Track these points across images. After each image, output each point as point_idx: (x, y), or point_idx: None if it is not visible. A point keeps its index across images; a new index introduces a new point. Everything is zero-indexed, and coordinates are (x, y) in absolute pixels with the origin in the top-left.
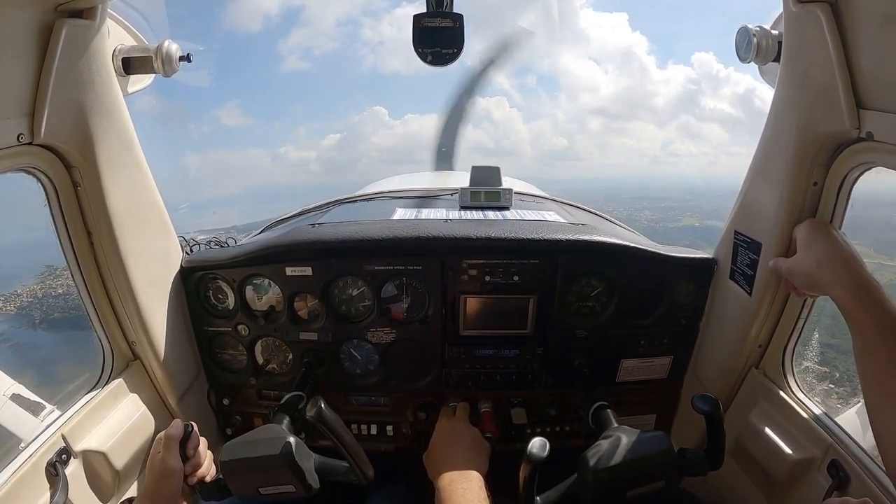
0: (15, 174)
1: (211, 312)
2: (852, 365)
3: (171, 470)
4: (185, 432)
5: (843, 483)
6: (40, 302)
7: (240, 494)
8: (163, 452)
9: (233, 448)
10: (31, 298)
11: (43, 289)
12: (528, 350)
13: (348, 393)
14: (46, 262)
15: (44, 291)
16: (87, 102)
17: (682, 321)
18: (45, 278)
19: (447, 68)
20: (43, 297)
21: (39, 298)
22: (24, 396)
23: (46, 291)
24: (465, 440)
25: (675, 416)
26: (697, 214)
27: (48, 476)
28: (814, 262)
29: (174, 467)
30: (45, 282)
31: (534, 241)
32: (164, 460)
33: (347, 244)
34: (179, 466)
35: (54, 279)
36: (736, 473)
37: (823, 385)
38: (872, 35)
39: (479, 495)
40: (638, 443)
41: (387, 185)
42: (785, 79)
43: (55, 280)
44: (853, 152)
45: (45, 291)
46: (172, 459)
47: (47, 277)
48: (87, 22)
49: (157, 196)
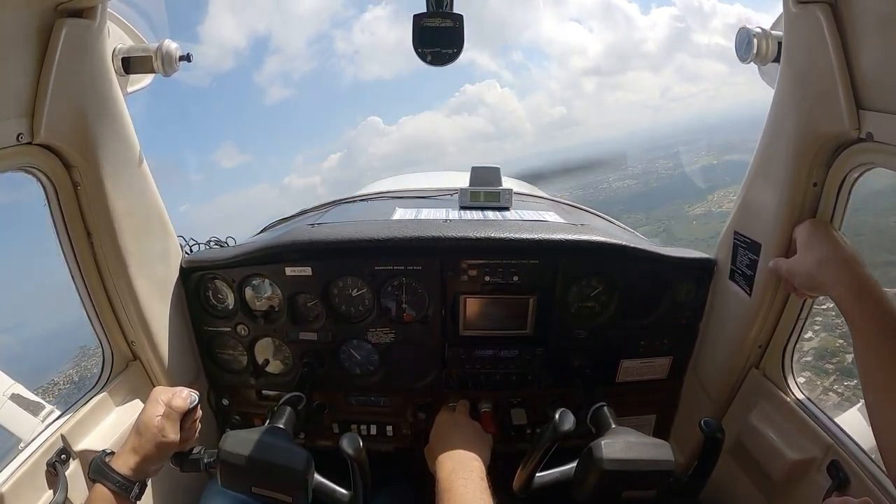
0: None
1: (211, 312)
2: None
3: (167, 442)
4: (190, 406)
5: (843, 483)
6: (77, 386)
7: (226, 484)
8: (163, 421)
9: (238, 441)
10: (69, 385)
11: (79, 371)
12: (527, 350)
13: (348, 393)
14: (81, 344)
15: (80, 374)
16: (87, 102)
17: (681, 321)
18: (80, 360)
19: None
20: (79, 380)
21: (76, 382)
22: (24, 396)
23: (82, 374)
24: (465, 431)
25: (674, 416)
26: (713, 152)
27: (48, 476)
28: (814, 262)
29: (172, 440)
30: (81, 363)
31: (534, 242)
32: (163, 430)
33: (347, 244)
34: (177, 439)
35: (89, 359)
36: (736, 473)
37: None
38: (872, 35)
39: (481, 486)
40: (644, 446)
41: (386, 185)
42: (785, 79)
43: (90, 360)
44: (853, 153)
45: (80, 374)
46: (171, 432)
47: (82, 359)
48: (87, 22)
49: (157, 196)
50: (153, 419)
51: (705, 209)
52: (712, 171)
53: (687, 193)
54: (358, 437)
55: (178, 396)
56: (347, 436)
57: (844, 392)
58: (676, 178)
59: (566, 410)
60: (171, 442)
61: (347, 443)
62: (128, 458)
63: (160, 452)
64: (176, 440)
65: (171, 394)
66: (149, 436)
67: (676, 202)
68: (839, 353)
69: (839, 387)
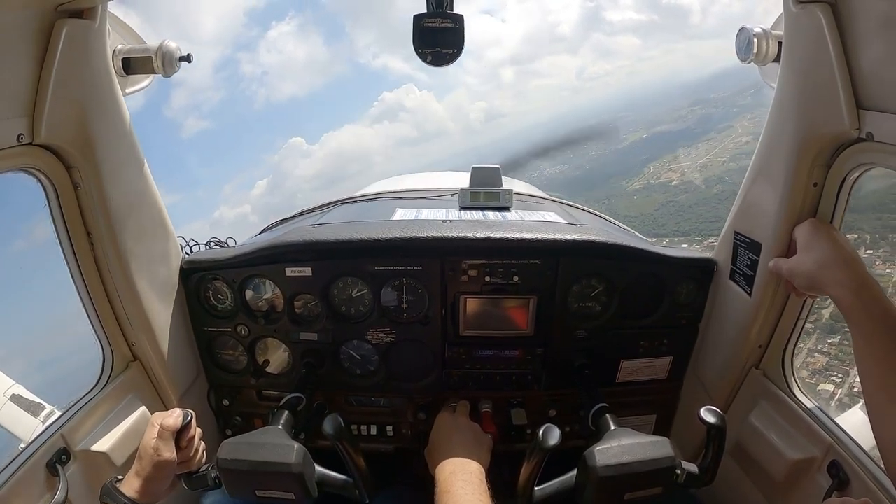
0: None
1: (211, 313)
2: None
3: (163, 461)
4: (182, 423)
5: (843, 483)
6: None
7: (234, 493)
8: (157, 442)
9: (234, 448)
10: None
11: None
12: (528, 351)
13: (348, 393)
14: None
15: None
16: (87, 102)
17: (682, 322)
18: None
19: (333, 72)
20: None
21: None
22: (23, 396)
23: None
24: (465, 433)
25: (674, 416)
26: (641, 126)
27: (48, 476)
28: (814, 262)
29: (167, 459)
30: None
31: (534, 242)
32: (158, 450)
33: (347, 245)
34: (173, 458)
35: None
36: (736, 473)
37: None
38: (872, 35)
39: (480, 488)
40: (640, 446)
41: (386, 185)
42: (785, 79)
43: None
44: (853, 152)
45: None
46: (166, 451)
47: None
48: (87, 22)
49: (157, 196)
50: (150, 441)
51: (644, 182)
52: (644, 144)
53: (623, 170)
54: (338, 416)
55: (169, 416)
56: (328, 418)
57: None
58: (609, 157)
59: (551, 426)
60: (168, 460)
61: (328, 424)
62: (133, 482)
63: (160, 472)
64: (172, 458)
65: (164, 416)
66: (147, 458)
67: (613, 180)
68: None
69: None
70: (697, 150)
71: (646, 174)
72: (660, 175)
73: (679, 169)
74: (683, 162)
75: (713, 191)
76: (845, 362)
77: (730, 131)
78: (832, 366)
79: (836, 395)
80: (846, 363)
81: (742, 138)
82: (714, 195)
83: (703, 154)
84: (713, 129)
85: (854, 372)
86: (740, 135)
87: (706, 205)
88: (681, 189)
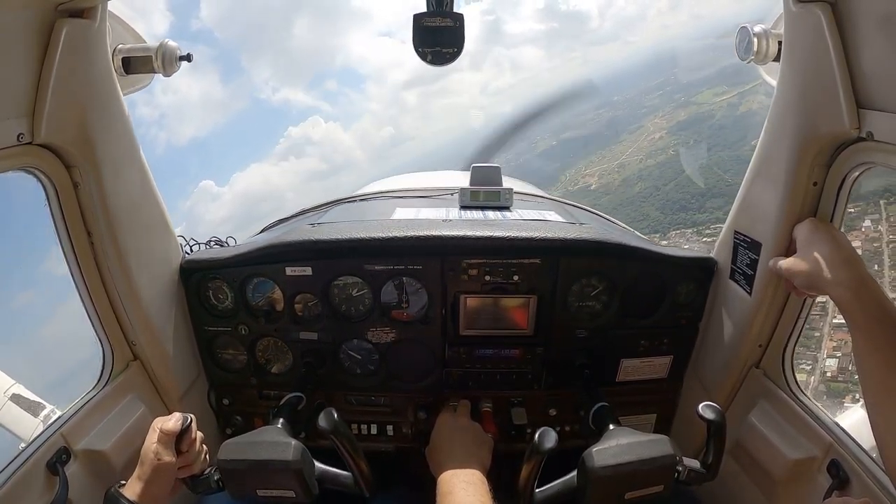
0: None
1: (211, 312)
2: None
3: (164, 465)
4: (182, 427)
5: (843, 483)
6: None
7: (235, 494)
8: (157, 446)
9: (233, 448)
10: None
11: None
12: (528, 350)
13: (348, 393)
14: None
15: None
16: (87, 102)
17: (682, 321)
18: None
19: (234, 109)
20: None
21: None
22: (24, 396)
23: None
24: (467, 434)
25: (675, 415)
26: (549, 134)
27: (48, 476)
28: (814, 262)
29: (168, 462)
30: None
31: (534, 241)
32: (158, 454)
33: (347, 244)
34: (173, 461)
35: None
36: (736, 473)
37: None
38: (872, 35)
39: (482, 489)
40: (640, 445)
41: (386, 185)
42: (785, 79)
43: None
44: (853, 152)
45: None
46: (166, 455)
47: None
48: (87, 22)
49: (158, 196)
50: (150, 446)
51: (562, 190)
52: (555, 151)
53: (539, 180)
54: (332, 410)
55: (169, 420)
56: (322, 412)
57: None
58: (522, 167)
59: (547, 429)
60: (168, 463)
61: (323, 419)
62: (135, 487)
63: (161, 476)
64: (172, 461)
65: (164, 420)
66: (148, 462)
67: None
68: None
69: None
70: (612, 151)
71: (563, 181)
72: (577, 181)
73: (596, 173)
74: (599, 165)
75: (635, 189)
76: (811, 347)
77: (642, 131)
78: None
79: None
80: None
81: (655, 135)
82: (637, 193)
83: (618, 155)
84: (625, 131)
85: (822, 357)
86: (652, 132)
87: (631, 205)
88: (601, 192)
